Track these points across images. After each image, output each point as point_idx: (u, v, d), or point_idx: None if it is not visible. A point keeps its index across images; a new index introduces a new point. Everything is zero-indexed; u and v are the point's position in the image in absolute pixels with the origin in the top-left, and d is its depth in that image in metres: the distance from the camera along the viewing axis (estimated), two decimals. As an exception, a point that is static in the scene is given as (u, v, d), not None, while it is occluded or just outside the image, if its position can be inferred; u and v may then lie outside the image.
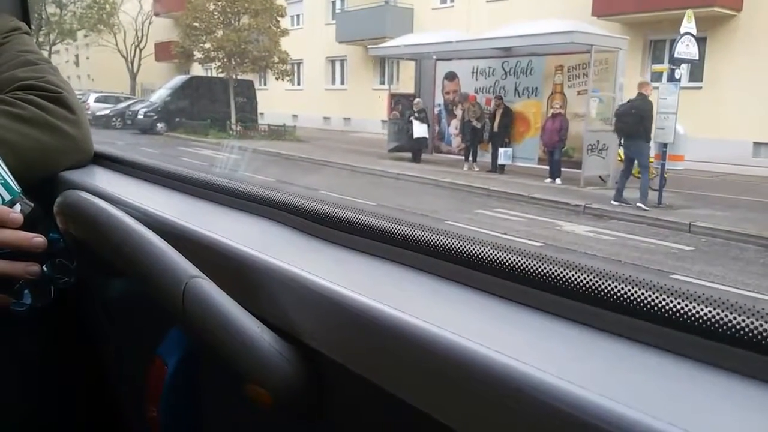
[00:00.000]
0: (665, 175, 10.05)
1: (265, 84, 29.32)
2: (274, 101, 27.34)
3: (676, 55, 9.02)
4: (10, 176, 0.81)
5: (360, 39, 23.44)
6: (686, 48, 9.01)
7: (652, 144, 9.20)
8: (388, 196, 9.57)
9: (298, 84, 28.80)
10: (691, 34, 9.04)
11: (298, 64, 28.48)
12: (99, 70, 40.28)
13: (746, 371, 0.35)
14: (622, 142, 9.52)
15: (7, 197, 0.80)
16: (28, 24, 1.25)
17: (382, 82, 22.40)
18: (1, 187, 0.80)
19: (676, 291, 0.39)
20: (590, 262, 0.47)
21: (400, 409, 0.45)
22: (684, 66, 9.44)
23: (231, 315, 0.57)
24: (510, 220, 8.08)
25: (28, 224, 0.79)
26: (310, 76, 28.34)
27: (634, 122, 8.82)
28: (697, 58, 9.43)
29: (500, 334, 0.44)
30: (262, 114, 25.06)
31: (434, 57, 14.68)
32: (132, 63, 37.09)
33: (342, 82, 27.34)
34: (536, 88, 12.75)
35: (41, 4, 33.60)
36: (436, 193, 10.40)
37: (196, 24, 20.99)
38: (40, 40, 35.05)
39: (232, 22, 20.67)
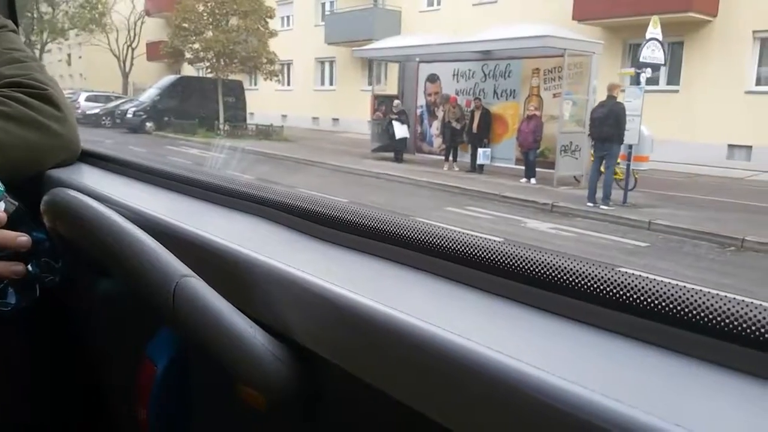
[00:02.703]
0: (635, 176, 10.43)
1: (255, 84, 29.59)
2: (265, 101, 27.58)
3: (641, 60, 9.35)
4: None
5: (348, 40, 23.68)
6: (651, 53, 9.32)
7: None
8: (363, 194, 9.85)
9: (288, 84, 29.06)
10: (657, 40, 9.36)
11: (288, 65, 28.74)
12: (91, 69, 40.41)
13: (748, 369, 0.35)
14: (595, 144, 9.78)
15: None
16: (15, 22, 1.24)
17: (370, 83, 22.71)
18: None
19: (674, 287, 0.40)
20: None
21: (394, 409, 0.45)
22: (659, 69, 9.72)
23: (222, 314, 0.56)
24: (478, 218, 8.38)
25: (13, 223, 0.78)
26: (299, 76, 28.59)
27: (610, 126, 9.11)
28: (662, 62, 9.75)
29: (495, 331, 0.44)
30: (252, 114, 25.31)
31: (417, 59, 14.98)
32: (124, 62, 37.20)
33: (331, 83, 27.60)
34: (514, 90, 13.06)
35: (34, 3, 33.81)
36: (412, 192, 10.68)
37: (186, 24, 21.21)
38: (33, 39, 35.29)
39: (221, 23, 20.89)
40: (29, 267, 0.81)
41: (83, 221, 0.72)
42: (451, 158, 13.81)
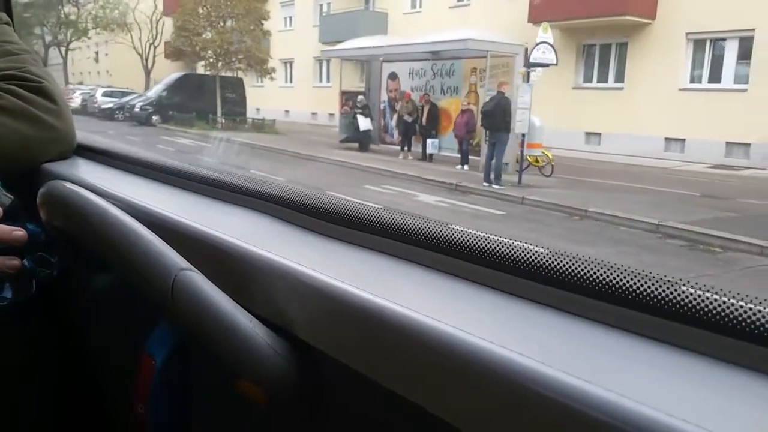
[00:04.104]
0: (552, 164, 11.98)
1: (261, 82, 31.58)
2: (269, 98, 29.54)
3: (531, 60, 10.87)
4: None
5: (339, 41, 25.44)
6: (542, 54, 10.84)
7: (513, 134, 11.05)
8: (301, 175, 11.58)
9: (290, 82, 30.99)
10: (548, 43, 10.86)
11: (290, 63, 30.68)
12: (117, 66, 42.86)
13: (747, 363, 0.36)
14: (487, 133, 11.36)
15: None
16: (10, 15, 1.24)
17: (362, 81, 24.41)
18: None
19: (669, 281, 0.40)
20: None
21: (395, 403, 0.45)
22: (548, 67, 11.23)
23: (222, 308, 0.55)
24: (384, 193, 10.02)
25: (9, 217, 0.78)
26: (300, 74, 30.45)
27: (498, 117, 10.69)
28: (555, 62, 11.23)
29: (496, 326, 0.44)
30: (258, 110, 27.29)
31: (380, 59, 16.63)
32: (146, 60, 39.31)
33: (328, 80, 29.38)
34: (457, 87, 14.63)
35: (59, 5, 36.29)
36: (347, 174, 12.36)
37: (187, 26, 23.18)
38: (60, 38, 37.85)
39: (217, 24, 22.81)
40: (25, 262, 0.79)
41: (80, 214, 0.70)
42: (406, 148, 15.44)
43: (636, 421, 0.31)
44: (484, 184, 10.78)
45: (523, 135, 10.77)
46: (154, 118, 23.65)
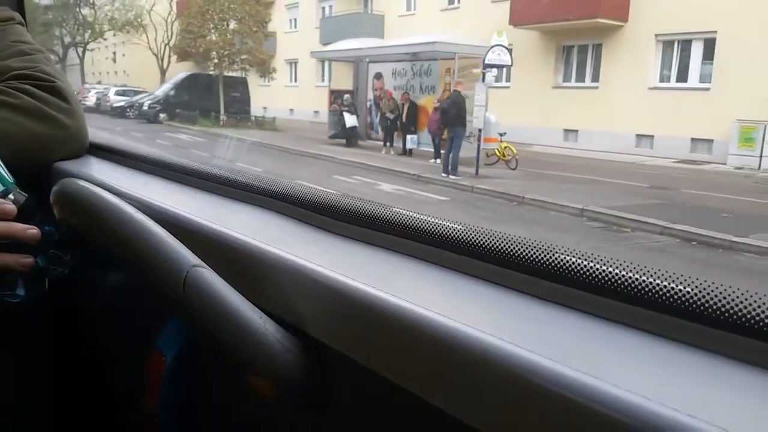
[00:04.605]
0: (516, 158, 12.93)
1: (268, 82, 32.83)
2: (276, 97, 30.75)
3: (486, 62, 11.82)
4: (3, 167, 0.81)
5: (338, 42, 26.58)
6: (497, 56, 11.79)
7: (482, 128, 12.00)
8: (280, 167, 12.64)
9: (295, 81, 32.14)
10: (503, 46, 11.79)
11: (295, 63, 31.83)
12: (133, 66, 44.34)
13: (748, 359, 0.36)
14: (446, 129, 12.34)
15: (0, 188, 0.79)
16: (23, 14, 1.25)
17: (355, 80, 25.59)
18: None
19: (676, 279, 0.40)
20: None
21: (403, 399, 0.45)
22: (497, 70, 12.15)
23: (233, 305, 0.56)
24: (350, 182, 11.04)
25: (22, 215, 0.79)
26: (303, 74, 31.57)
27: (453, 113, 11.66)
28: (509, 63, 12.16)
29: (507, 324, 0.44)
30: (265, 108, 28.50)
31: (367, 60, 17.65)
32: (162, 60, 40.66)
33: (330, 80, 30.50)
34: (434, 86, 15.59)
35: (77, 7, 37.85)
36: (324, 166, 13.40)
37: (192, 28, 24.43)
38: (78, 39, 39.41)
39: (219, 27, 24.01)
40: (38, 260, 0.80)
41: (93, 211, 0.71)
42: (388, 144, 16.43)
43: (649, 419, 0.31)
44: (443, 174, 11.74)
45: (480, 130, 11.71)
46: (162, 115, 24.91)
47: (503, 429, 0.38)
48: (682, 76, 16.76)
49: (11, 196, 0.80)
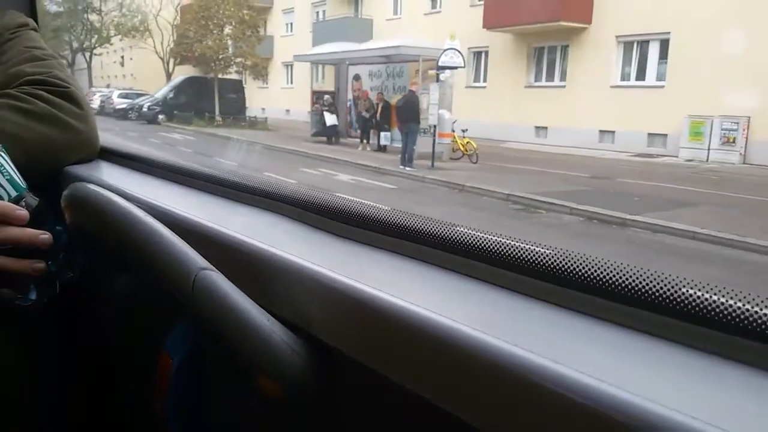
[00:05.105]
0: (477, 152, 14.01)
1: (266, 84, 34.16)
2: (273, 98, 32.07)
3: (440, 64, 12.90)
4: (16, 172, 0.81)
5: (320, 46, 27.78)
6: (450, 59, 12.87)
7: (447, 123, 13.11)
8: (253, 160, 13.80)
9: (291, 83, 33.36)
10: (455, 49, 12.88)
11: (291, 66, 33.04)
12: (140, 69, 45.83)
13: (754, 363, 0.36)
14: (400, 125, 13.47)
15: (13, 193, 0.80)
16: (36, 20, 1.27)
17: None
18: (7, 183, 0.79)
19: (680, 281, 0.41)
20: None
21: (410, 401, 0.46)
22: (453, 71, 13.24)
23: (241, 307, 0.57)
24: (313, 174, 12.17)
25: (34, 219, 0.79)
26: (299, 76, 32.77)
27: (407, 111, 12.77)
28: (462, 65, 13.23)
29: (514, 327, 0.45)
30: (264, 109, 29.80)
31: (347, 62, 18.80)
32: (168, 63, 42.03)
33: (323, 81, 31.70)
34: (405, 87, 16.61)
35: (84, 13, 39.34)
36: (295, 160, 14.53)
37: (188, 33, 25.74)
38: (86, 44, 40.90)
39: (213, 32, 25.30)
40: (49, 263, 0.81)
41: (103, 215, 0.72)
42: (365, 141, 17.56)
43: (650, 419, 0.31)
44: (400, 167, 12.85)
45: (434, 126, 12.81)
46: (160, 117, 26.21)
47: (508, 430, 0.39)
48: (641, 74, 17.75)
49: (24, 201, 0.80)
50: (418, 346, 0.45)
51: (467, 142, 14.47)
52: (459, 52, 12.97)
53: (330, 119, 18.52)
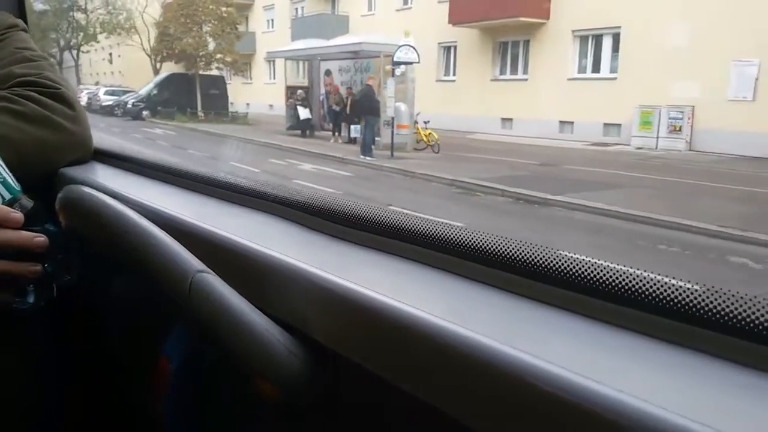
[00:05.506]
0: (438, 143, 14.95)
1: (250, 79, 35.05)
2: (257, 93, 32.92)
3: (395, 59, 13.83)
4: (10, 174, 0.81)
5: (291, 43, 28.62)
6: (405, 54, 13.79)
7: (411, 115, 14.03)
8: (228, 154, 14.69)
9: (273, 78, 34.17)
10: (410, 45, 13.79)
11: (273, 62, 33.85)
12: (128, 66, 46.34)
13: (749, 363, 0.37)
14: (359, 118, 14.42)
15: (8, 196, 0.80)
16: (25, 21, 1.26)
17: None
18: (0, 186, 0.79)
19: (678, 283, 0.41)
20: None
21: (408, 403, 0.46)
22: (412, 64, 14.17)
23: (238, 310, 0.57)
24: (279, 164, 13.07)
25: (30, 222, 0.79)
26: (281, 72, 33.56)
27: (364, 104, 13.72)
28: (417, 60, 14.15)
29: (512, 329, 0.45)
30: (248, 104, 30.67)
31: (319, 58, 19.68)
32: (155, 60, 42.72)
33: (304, 77, 32.54)
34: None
35: (71, 11, 39.97)
36: (266, 152, 15.43)
37: (170, 31, 26.55)
38: (73, 42, 41.51)
39: (193, 29, 26.13)
40: (46, 266, 0.81)
41: (98, 217, 0.72)
42: (336, 134, 18.47)
43: (645, 421, 0.32)
44: (361, 156, 13.78)
45: (392, 118, 13.74)
46: (144, 113, 26.99)
47: (504, 430, 0.39)
48: (596, 67, 18.72)
49: (19, 204, 0.79)
50: (414, 347, 0.45)
51: (429, 133, 15.39)
52: (414, 48, 13.88)
53: (303, 113, 19.41)
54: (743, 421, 0.32)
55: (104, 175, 1.08)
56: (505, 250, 0.51)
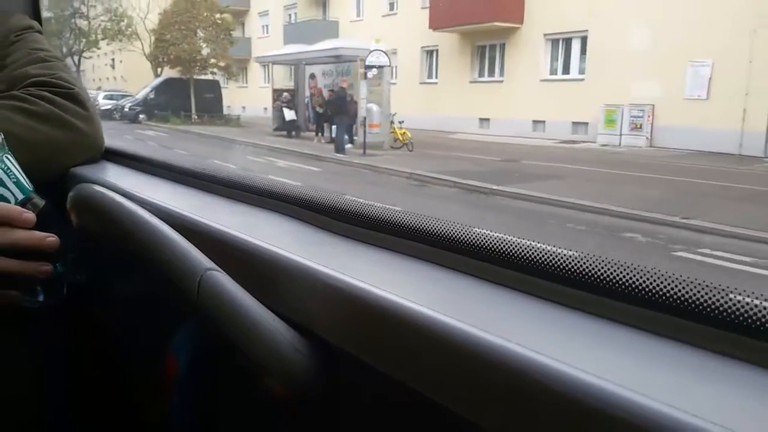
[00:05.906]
0: (412, 141, 15.88)
1: (246, 83, 36.16)
2: (253, 97, 33.95)
3: (367, 63, 14.79)
4: (23, 174, 0.81)
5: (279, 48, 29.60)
6: (376, 59, 14.74)
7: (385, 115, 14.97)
8: (212, 152, 15.66)
9: (267, 82, 35.18)
10: (381, 50, 14.74)
11: (267, 66, 34.88)
12: (130, 71, 47.49)
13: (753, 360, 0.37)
14: (333, 117, 15.37)
15: (20, 196, 0.80)
16: (40, 23, 1.28)
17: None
18: (13, 185, 0.79)
19: (681, 279, 0.41)
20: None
21: (416, 401, 0.46)
22: (383, 68, 15.11)
23: (246, 307, 0.57)
24: (257, 161, 14.02)
25: (41, 221, 0.79)
26: (274, 76, 34.64)
27: (337, 105, 14.70)
28: (388, 64, 15.10)
29: (517, 325, 0.46)
30: (244, 107, 31.70)
31: (303, 63, 20.66)
32: (156, 66, 43.79)
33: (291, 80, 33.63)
34: (352, 84, 18.54)
35: (73, 19, 41.12)
36: (248, 151, 16.40)
37: (166, 37, 27.62)
38: (75, 48, 42.66)
39: (187, 36, 27.17)
40: (56, 265, 0.81)
41: (109, 216, 0.73)
42: (319, 134, 19.42)
43: (654, 419, 0.31)
44: (335, 154, 14.73)
45: (365, 118, 14.70)
46: (141, 116, 28.07)
47: (511, 428, 0.39)
48: (566, 69, 19.61)
49: (30, 203, 0.79)
50: (421, 345, 0.45)
51: (404, 133, 16.31)
52: (384, 53, 14.83)
53: (289, 114, 20.40)
54: (757, 421, 0.33)
55: (115, 175, 1.09)
56: (511, 249, 0.52)
